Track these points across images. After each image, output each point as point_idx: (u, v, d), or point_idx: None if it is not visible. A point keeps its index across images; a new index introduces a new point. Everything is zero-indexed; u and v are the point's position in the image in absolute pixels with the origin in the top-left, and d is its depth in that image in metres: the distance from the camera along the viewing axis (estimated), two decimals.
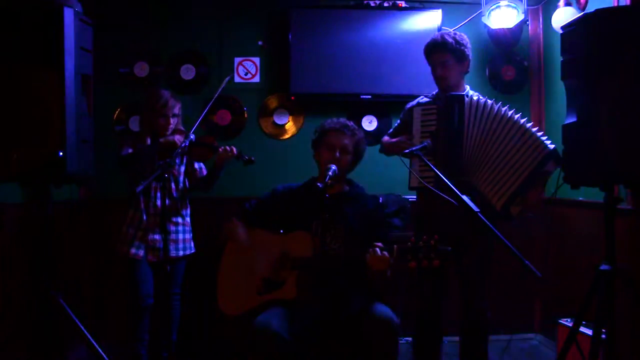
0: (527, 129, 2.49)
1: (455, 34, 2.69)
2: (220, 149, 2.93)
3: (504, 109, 2.52)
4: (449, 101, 2.55)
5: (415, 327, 2.75)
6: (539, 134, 2.50)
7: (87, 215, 3.54)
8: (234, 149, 2.95)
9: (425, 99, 2.77)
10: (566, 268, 3.42)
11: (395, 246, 2.17)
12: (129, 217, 2.95)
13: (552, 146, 2.47)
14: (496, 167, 2.50)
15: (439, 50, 2.64)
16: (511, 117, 2.51)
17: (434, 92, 2.77)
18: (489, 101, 2.53)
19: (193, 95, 3.66)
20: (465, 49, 2.65)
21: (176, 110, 2.98)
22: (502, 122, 2.51)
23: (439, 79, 2.68)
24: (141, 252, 2.92)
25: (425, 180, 2.41)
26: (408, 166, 2.58)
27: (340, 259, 2.39)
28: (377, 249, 2.18)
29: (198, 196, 3.17)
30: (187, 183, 3.09)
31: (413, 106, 2.75)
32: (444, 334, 2.78)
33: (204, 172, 3.12)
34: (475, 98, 2.55)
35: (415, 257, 2.11)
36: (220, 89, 2.92)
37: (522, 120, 2.51)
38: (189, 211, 3.09)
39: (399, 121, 2.89)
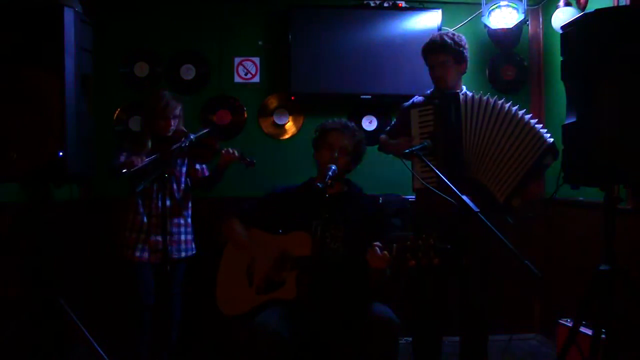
0: (527, 122, 2.49)
1: (453, 34, 2.69)
2: (222, 151, 2.93)
3: (500, 102, 2.52)
4: (444, 100, 2.55)
5: (415, 327, 2.75)
6: (538, 126, 2.50)
7: (87, 215, 3.54)
8: (236, 152, 2.94)
9: (420, 99, 2.76)
10: (566, 268, 3.42)
11: (394, 245, 2.17)
12: (129, 220, 2.95)
13: (551, 139, 2.48)
14: (500, 162, 2.49)
15: (438, 51, 2.64)
16: (509, 110, 2.51)
17: (429, 91, 2.77)
18: (484, 97, 2.53)
19: (193, 95, 3.67)
20: (464, 50, 2.66)
21: (177, 112, 2.97)
22: (500, 116, 2.51)
23: (437, 80, 2.68)
24: (145, 255, 2.92)
25: (427, 181, 2.41)
26: (410, 168, 2.57)
27: (340, 259, 2.39)
28: (377, 248, 2.18)
29: (198, 196, 3.17)
30: (189, 182, 3.09)
31: (409, 107, 2.75)
32: (444, 334, 2.78)
33: (206, 172, 3.12)
34: (470, 94, 2.55)
35: (414, 255, 2.10)
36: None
37: (520, 113, 2.51)
38: (190, 212, 3.09)
39: (395, 120, 2.89)
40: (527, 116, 2.51)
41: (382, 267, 2.20)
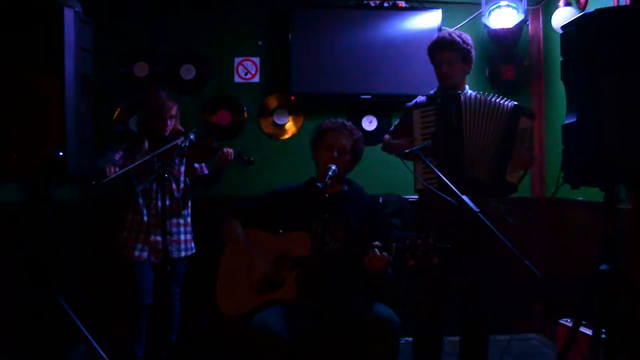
0: (496, 102, 2.55)
1: (460, 34, 2.70)
2: (219, 152, 2.93)
3: (497, 99, 2.57)
4: (446, 101, 2.57)
5: (415, 327, 2.75)
6: (498, 98, 2.57)
7: (87, 215, 3.54)
8: (231, 152, 2.94)
9: (423, 99, 2.77)
10: (566, 268, 3.42)
11: (393, 245, 2.17)
12: (129, 220, 2.95)
13: (512, 103, 2.56)
14: (484, 149, 2.54)
15: (447, 49, 2.64)
16: (493, 102, 2.56)
17: (431, 92, 2.77)
18: (480, 95, 2.56)
19: (193, 95, 3.67)
20: (472, 50, 2.67)
21: (173, 112, 2.98)
22: (489, 109, 2.55)
23: (443, 77, 2.67)
24: (145, 254, 2.92)
25: (428, 182, 2.41)
26: (412, 169, 2.58)
27: (340, 258, 2.39)
28: (376, 250, 2.18)
29: (198, 196, 3.17)
30: (188, 182, 3.09)
31: (411, 107, 2.75)
32: (444, 334, 2.78)
33: (205, 170, 3.12)
34: (470, 94, 2.56)
35: (413, 255, 2.10)
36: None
37: (493, 98, 2.57)
38: (189, 211, 3.09)
39: (398, 120, 2.89)
40: (495, 97, 2.57)
41: (381, 268, 2.20)
